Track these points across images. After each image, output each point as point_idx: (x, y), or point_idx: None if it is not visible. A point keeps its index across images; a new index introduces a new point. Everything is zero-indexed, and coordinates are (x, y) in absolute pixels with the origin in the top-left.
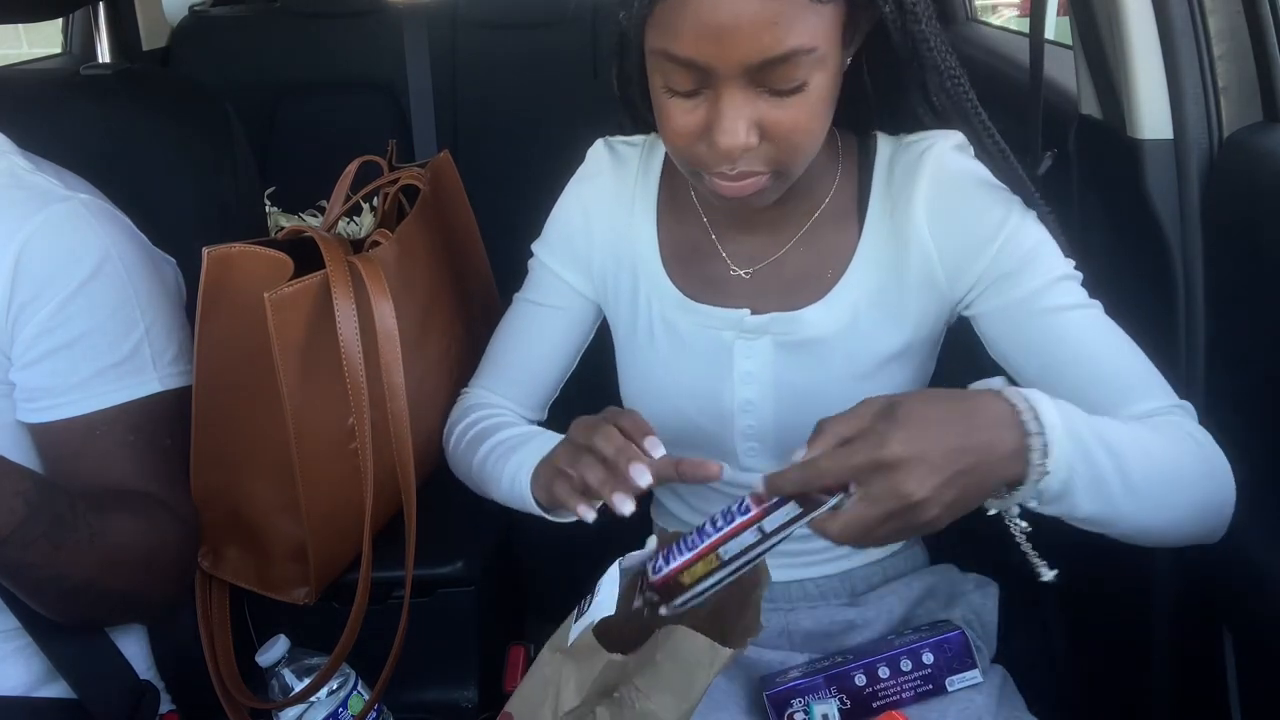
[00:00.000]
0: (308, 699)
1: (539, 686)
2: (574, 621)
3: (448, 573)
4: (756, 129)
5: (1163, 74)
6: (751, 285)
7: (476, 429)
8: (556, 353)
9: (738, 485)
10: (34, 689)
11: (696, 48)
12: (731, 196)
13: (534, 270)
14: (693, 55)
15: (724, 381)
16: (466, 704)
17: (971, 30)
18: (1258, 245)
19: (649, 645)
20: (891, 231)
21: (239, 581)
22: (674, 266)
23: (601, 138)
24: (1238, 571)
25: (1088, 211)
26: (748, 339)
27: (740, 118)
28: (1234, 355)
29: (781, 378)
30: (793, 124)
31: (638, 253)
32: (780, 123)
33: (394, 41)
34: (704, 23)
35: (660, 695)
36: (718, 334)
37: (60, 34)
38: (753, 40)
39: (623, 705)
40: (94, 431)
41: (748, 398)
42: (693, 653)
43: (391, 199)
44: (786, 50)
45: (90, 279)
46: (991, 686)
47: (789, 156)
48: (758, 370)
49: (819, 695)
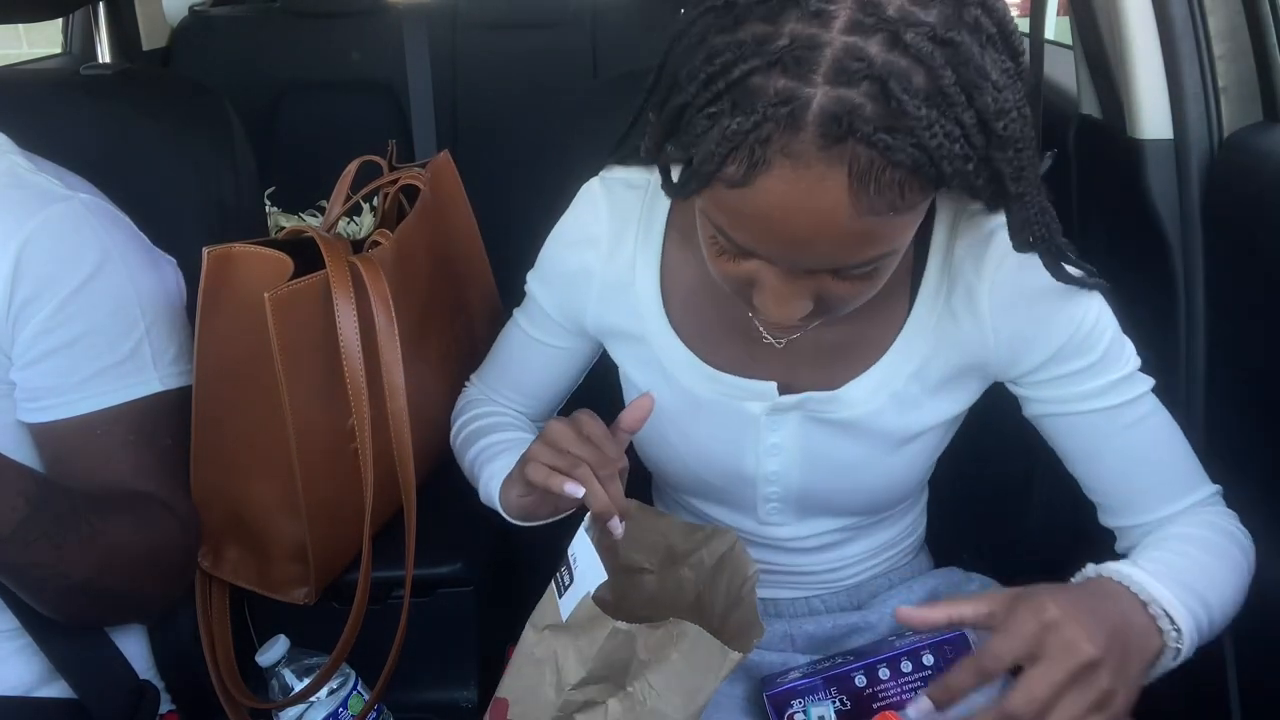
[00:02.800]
0: (308, 699)
1: (531, 667)
2: (559, 596)
3: (447, 573)
4: (813, 300)
5: (1163, 74)
6: (784, 354)
7: (471, 427)
8: (556, 380)
9: (759, 536)
10: (34, 689)
11: (758, 242)
12: (777, 335)
13: (529, 300)
14: (751, 245)
15: (747, 453)
16: (466, 704)
17: None
18: (1258, 245)
19: (664, 638)
20: (947, 310)
21: (239, 581)
22: (688, 326)
23: (598, 176)
24: None
25: (1087, 211)
26: (777, 414)
27: (797, 297)
28: (1234, 355)
29: (810, 449)
30: (854, 297)
31: (643, 309)
32: (842, 297)
33: (394, 41)
34: (773, 225)
35: (672, 695)
36: (742, 405)
37: (60, 34)
38: (830, 254)
39: (634, 701)
40: (94, 431)
41: (773, 469)
42: (706, 656)
43: (391, 199)
44: (867, 259)
45: (90, 279)
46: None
47: (841, 311)
48: (785, 443)
49: (819, 696)
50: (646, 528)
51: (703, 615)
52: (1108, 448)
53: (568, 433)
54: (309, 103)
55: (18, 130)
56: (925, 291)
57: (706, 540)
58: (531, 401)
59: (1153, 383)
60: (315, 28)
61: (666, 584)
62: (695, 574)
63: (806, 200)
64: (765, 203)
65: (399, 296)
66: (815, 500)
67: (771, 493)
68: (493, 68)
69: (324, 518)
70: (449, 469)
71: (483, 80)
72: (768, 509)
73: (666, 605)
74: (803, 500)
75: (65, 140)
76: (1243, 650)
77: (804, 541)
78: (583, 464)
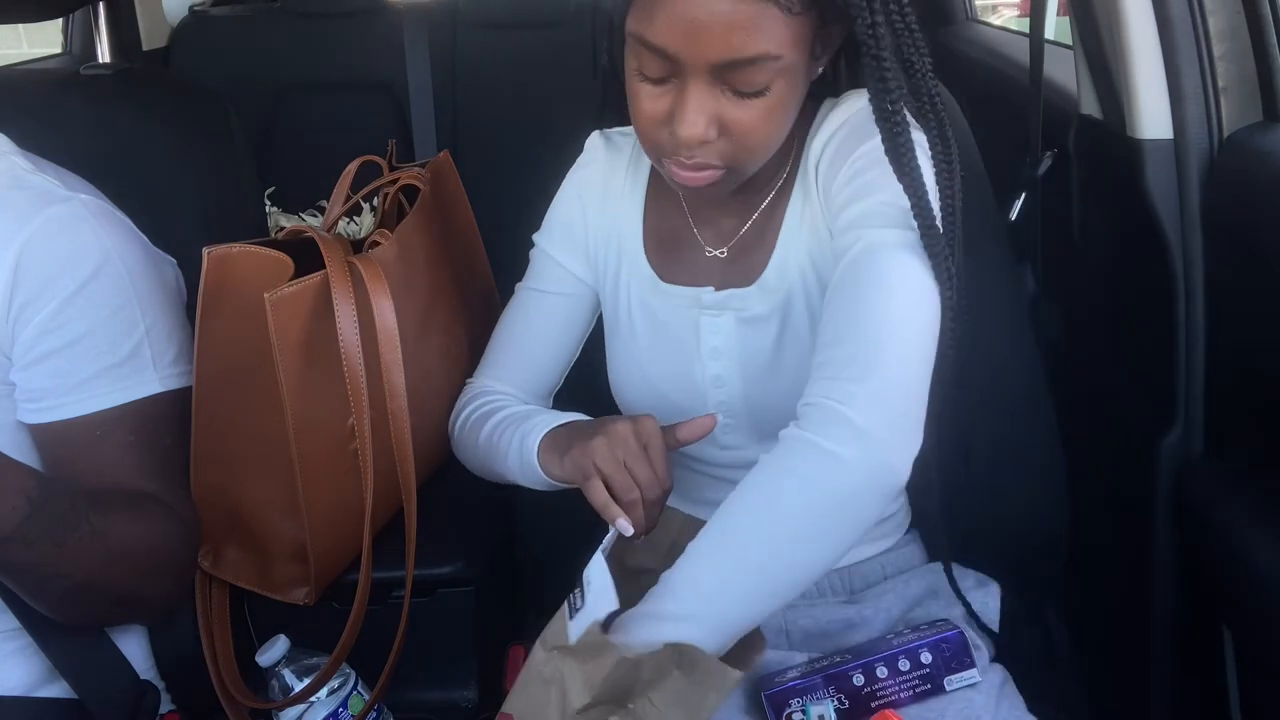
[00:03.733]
0: (308, 699)
1: (539, 687)
2: (569, 618)
3: (448, 573)
4: (716, 124)
5: (1163, 74)
6: (723, 264)
7: (480, 412)
8: (559, 339)
9: (723, 467)
10: (34, 689)
11: (668, 38)
12: (687, 185)
13: (535, 259)
14: (664, 44)
15: (694, 359)
16: (466, 704)
17: (971, 30)
18: (1258, 245)
19: (665, 657)
20: (804, 191)
21: (239, 581)
22: (655, 251)
23: (599, 130)
24: (1238, 571)
25: (1088, 211)
26: (712, 315)
27: (701, 111)
28: (1234, 355)
29: (746, 352)
30: (750, 125)
31: (624, 238)
32: (739, 122)
33: (394, 41)
34: (679, 15)
35: (673, 711)
36: (686, 312)
37: (60, 34)
38: (722, 40)
39: (636, 718)
40: (94, 432)
41: (717, 373)
42: (707, 674)
43: (392, 199)
44: (752, 54)
45: (91, 280)
46: (991, 686)
47: (743, 155)
48: (723, 345)
49: (817, 695)
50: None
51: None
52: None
53: (631, 441)
54: (309, 103)
55: (18, 130)
56: (798, 182)
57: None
58: (534, 373)
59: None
60: (315, 28)
61: None
62: None
63: None
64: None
65: (399, 296)
66: (761, 412)
67: (721, 404)
68: (493, 68)
69: (324, 518)
70: (449, 469)
71: (483, 80)
72: (722, 425)
73: None
74: (751, 412)
75: (65, 140)
76: (1243, 650)
77: None
78: (636, 492)
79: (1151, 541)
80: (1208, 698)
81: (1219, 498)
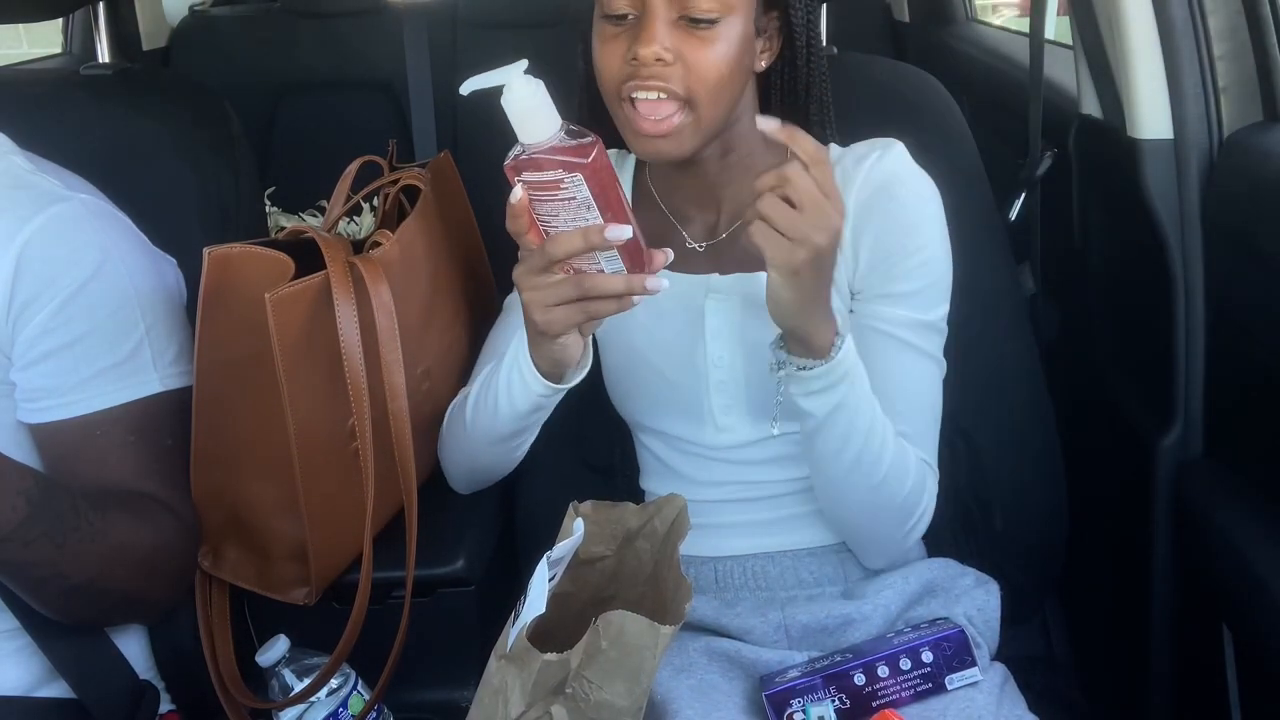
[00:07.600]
0: (308, 699)
1: (490, 697)
2: (511, 625)
3: (448, 573)
4: (672, 51)
5: (1163, 74)
6: (706, 256)
7: (456, 403)
8: None
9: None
10: (34, 689)
11: None
12: (650, 134)
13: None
14: None
15: (696, 339)
16: (466, 704)
17: (971, 30)
18: (1258, 245)
19: (592, 635)
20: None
21: (239, 581)
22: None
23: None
24: (1238, 571)
25: (1087, 211)
26: (718, 298)
27: (659, 34)
28: (1233, 354)
29: (747, 333)
30: (704, 53)
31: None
32: (693, 50)
33: (394, 41)
34: None
35: (612, 684)
36: (690, 296)
37: (60, 34)
38: None
39: (577, 700)
40: (94, 432)
41: (718, 353)
42: (637, 635)
43: (392, 199)
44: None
45: (90, 279)
46: (992, 685)
47: (697, 86)
48: (725, 327)
49: (818, 695)
50: (603, 521)
51: (658, 585)
52: (875, 375)
53: (535, 264)
54: (309, 103)
55: (18, 130)
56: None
57: (659, 510)
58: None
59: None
60: (315, 28)
61: (625, 560)
62: (650, 544)
63: None
64: None
65: (399, 297)
66: (758, 394)
67: (720, 383)
68: (493, 67)
69: (324, 518)
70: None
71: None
72: (721, 405)
73: (626, 580)
74: (749, 394)
75: (65, 140)
76: (1243, 650)
77: (762, 449)
78: (577, 293)
79: (1151, 541)
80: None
81: (1218, 498)
